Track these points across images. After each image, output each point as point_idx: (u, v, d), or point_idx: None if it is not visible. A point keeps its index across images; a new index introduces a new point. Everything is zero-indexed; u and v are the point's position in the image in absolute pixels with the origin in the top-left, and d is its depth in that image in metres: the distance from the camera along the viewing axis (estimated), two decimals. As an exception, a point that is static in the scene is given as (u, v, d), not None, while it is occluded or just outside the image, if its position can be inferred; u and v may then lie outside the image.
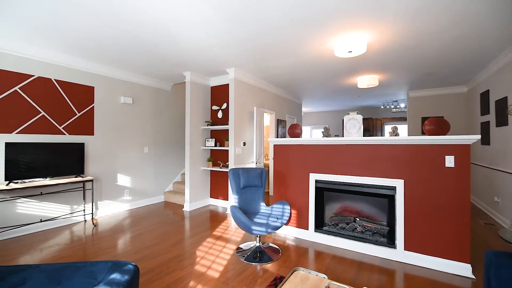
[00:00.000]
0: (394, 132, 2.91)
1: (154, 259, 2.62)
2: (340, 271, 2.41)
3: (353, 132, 3.01)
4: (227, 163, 4.62)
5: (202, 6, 2.32)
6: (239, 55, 3.62)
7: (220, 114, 4.75)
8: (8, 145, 3.05)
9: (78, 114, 3.91)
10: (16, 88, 3.28)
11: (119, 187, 4.46)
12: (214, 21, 2.61)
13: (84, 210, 3.92)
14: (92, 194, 3.76)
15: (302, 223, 3.24)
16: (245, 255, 2.68)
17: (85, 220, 3.92)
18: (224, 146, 4.73)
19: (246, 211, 3.00)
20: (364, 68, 4.34)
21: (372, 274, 2.36)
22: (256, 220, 2.70)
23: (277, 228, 2.55)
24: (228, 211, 4.37)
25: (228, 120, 4.70)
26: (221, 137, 4.86)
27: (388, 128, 8.91)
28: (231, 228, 3.61)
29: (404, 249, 2.64)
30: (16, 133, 3.27)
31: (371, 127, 8.90)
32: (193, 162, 4.61)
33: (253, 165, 4.61)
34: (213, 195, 4.96)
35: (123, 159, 4.52)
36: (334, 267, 2.48)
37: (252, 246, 2.87)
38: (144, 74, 4.65)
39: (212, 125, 4.84)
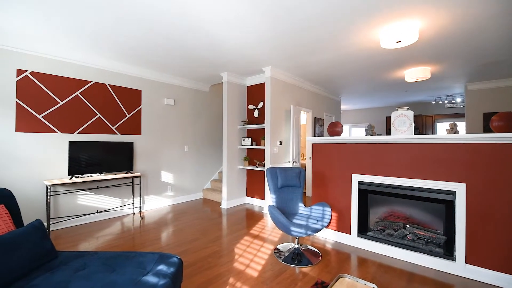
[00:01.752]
0: (453, 129, 2.58)
1: (195, 253, 2.71)
2: (388, 281, 2.21)
3: (403, 130, 2.74)
4: (263, 162, 4.60)
5: (238, 4, 2.32)
6: (275, 52, 3.56)
7: (256, 113, 4.76)
8: (71, 144, 3.45)
9: (128, 116, 4.25)
10: (77, 93, 3.69)
11: (163, 183, 4.75)
12: (250, 19, 2.60)
13: (133, 203, 4.25)
14: (140, 189, 4.06)
15: (343, 227, 3.06)
16: (283, 256, 2.62)
17: (134, 213, 4.25)
18: (260, 145, 4.73)
19: (284, 211, 2.94)
20: (413, 60, 3.94)
21: (427, 288, 2.11)
22: (295, 221, 2.62)
23: (317, 230, 2.44)
24: (265, 211, 4.35)
25: (264, 119, 4.68)
26: (257, 136, 4.87)
27: (440, 126, 8.02)
28: (268, 227, 3.57)
29: (466, 262, 2.32)
30: (77, 133, 3.69)
31: (420, 125, 8.10)
32: (230, 161, 4.69)
33: (290, 165, 4.52)
34: (249, 193, 5.00)
35: (166, 157, 4.80)
36: (381, 277, 2.28)
37: (290, 247, 2.80)
38: (185, 77, 4.87)
39: (248, 124, 4.87)
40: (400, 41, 2.91)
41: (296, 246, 2.72)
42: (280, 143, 4.52)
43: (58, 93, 3.51)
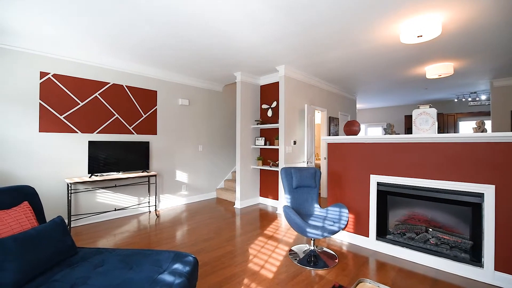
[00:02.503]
0: (481, 128, 2.42)
1: (210, 253, 2.71)
2: (410, 287, 2.11)
3: (425, 129, 2.61)
4: (277, 162, 4.55)
5: (252, 2, 2.29)
6: (289, 50, 3.51)
7: (269, 113, 4.72)
8: (90, 143, 3.55)
9: (144, 116, 4.34)
10: (96, 94, 3.80)
11: (177, 183, 4.81)
12: (264, 16, 2.56)
13: (149, 202, 4.34)
14: (156, 188, 4.13)
15: (360, 229, 2.96)
16: (298, 258, 2.56)
17: (150, 211, 4.33)
18: (273, 145, 4.68)
19: (299, 212, 2.88)
20: (435, 55, 3.76)
21: (453, 296, 1.99)
22: (310, 222, 2.56)
23: (334, 232, 2.37)
24: (278, 211, 4.30)
25: (278, 119, 4.64)
26: (270, 136, 4.83)
27: (463, 125, 7.63)
28: (282, 228, 3.53)
29: (494, 269, 2.17)
30: (96, 133, 3.80)
31: (441, 124, 7.75)
32: (244, 160, 4.68)
33: (304, 165, 4.45)
34: (263, 193, 4.96)
35: (180, 157, 4.86)
36: (401, 282, 2.18)
37: (305, 249, 2.74)
38: (199, 77, 4.91)
39: (261, 124, 4.84)
40: (421, 36, 2.78)
41: (312, 248, 2.66)
42: (294, 142, 4.46)
43: (79, 94, 3.63)
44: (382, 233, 2.88)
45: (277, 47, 3.39)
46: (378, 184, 2.84)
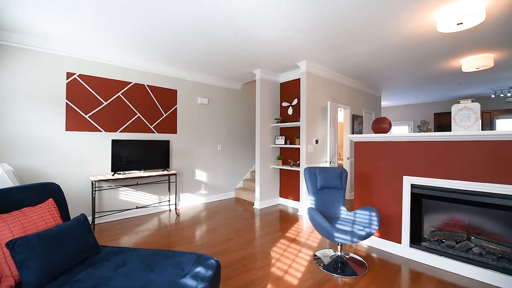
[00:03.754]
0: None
1: (231, 255, 2.62)
2: (454, 302, 1.89)
3: (467, 125, 2.35)
4: (297, 162, 4.39)
5: (280, -8, 2.17)
6: (313, 45, 3.35)
7: (290, 111, 4.57)
8: (113, 142, 3.61)
9: (165, 115, 4.36)
10: (119, 93, 3.86)
11: (197, 182, 4.80)
12: (287, 9, 2.43)
13: (169, 200, 4.35)
14: (176, 187, 4.13)
15: (391, 235, 2.74)
16: (324, 264, 2.41)
17: (170, 210, 4.34)
18: (294, 144, 4.53)
19: (324, 215, 2.72)
20: (474, 45, 3.43)
21: (506, 315, 1.75)
22: (338, 226, 2.39)
23: (364, 238, 2.19)
24: (300, 213, 4.14)
25: (299, 117, 4.47)
26: (291, 135, 4.68)
27: (500, 123, 7.01)
28: (304, 231, 3.37)
29: (555, 287, 1.89)
30: (119, 132, 3.86)
31: (474, 122, 7.15)
32: (263, 160, 4.57)
33: (327, 165, 4.25)
34: (283, 194, 4.82)
35: (199, 156, 4.84)
36: (443, 295, 1.96)
37: (331, 254, 2.57)
38: (218, 76, 4.87)
39: (281, 122, 4.70)
40: (461, 23, 2.52)
41: (339, 253, 2.49)
42: (316, 141, 4.28)
43: (102, 94, 3.70)
44: (416, 240, 2.64)
45: (299, 42, 3.24)
46: (412, 186, 2.60)
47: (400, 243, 2.66)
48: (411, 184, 2.61)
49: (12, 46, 3.05)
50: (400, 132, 8.99)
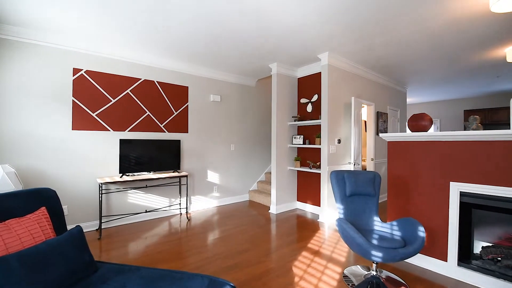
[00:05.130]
0: None
1: (247, 269, 2.32)
2: None
3: (537, 122, 1.93)
4: (318, 163, 4.03)
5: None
6: (335, 34, 2.99)
7: (309, 108, 4.21)
8: (122, 142, 3.40)
9: (175, 113, 4.12)
10: (128, 91, 3.65)
11: (209, 184, 4.54)
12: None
13: (180, 204, 4.11)
14: (187, 189, 3.88)
15: (435, 251, 2.34)
16: (355, 285, 2.06)
17: (181, 214, 4.10)
18: (314, 144, 4.17)
19: (355, 227, 2.36)
20: (529, 30, 2.95)
21: None
22: (374, 241, 2.03)
23: (408, 256, 1.82)
24: (321, 219, 3.78)
25: (319, 114, 4.11)
26: (310, 134, 4.32)
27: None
28: (328, 241, 3.02)
29: None
30: (128, 131, 3.65)
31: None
32: (280, 161, 4.24)
33: (351, 167, 3.87)
34: (301, 198, 4.47)
35: (212, 156, 4.58)
36: (514, 334, 1.57)
37: (364, 273, 2.22)
38: (231, 71, 4.59)
39: (300, 120, 4.35)
40: (525, -1, 2.08)
41: (374, 273, 2.13)
42: (339, 141, 3.90)
43: (110, 91, 3.50)
44: (465, 258, 2.24)
45: (321, 30, 2.89)
46: (462, 194, 2.20)
47: (446, 261, 2.26)
48: (460, 192, 2.20)
49: (13, 40, 2.88)
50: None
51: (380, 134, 2.69)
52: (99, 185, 3.16)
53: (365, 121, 5.88)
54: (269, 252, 2.69)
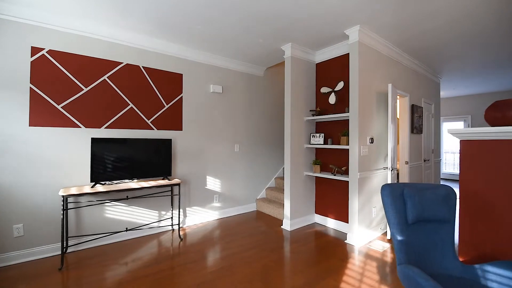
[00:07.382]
0: None
1: (257, 335, 1.54)
2: None
3: None
4: (343, 168, 3.22)
5: None
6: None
7: (332, 99, 3.38)
8: (94, 141, 2.64)
9: (166, 106, 3.36)
10: (105, 77, 2.90)
11: (208, 192, 3.77)
12: None
13: (171, 218, 3.35)
14: (179, 200, 3.10)
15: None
16: None
17: (173, 230, 3.34)
18: (338, 144, 3.36)
19: (421, 269, 1.55)
20: None
21: None
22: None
23: None
24: (349, 240, 2.96)
25: (345, 107, 3.31)
26: (333, 131, 3.51)
27: None
28: (367, 274, 2.21)
29: None
30: (105, 128, 2.90)
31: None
32: (294, 165, 3.44)
33: (388, 174, 3.05)
34: (320, 210, 3.67)
35: (212, 159, 3.80)
36: None
37: None
38: (235, 57, 3.81)
39: (319, 114, 3.54)
40: None
41: None
42: (371, 140, 3.08)
43: (82, 77, 2.76)
44: None
45: (361, -14, 2.09)
46: None
47: None
48: None
49: None
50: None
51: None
52: (63, 198, 2.40)
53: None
54: (287, 298, 1.90)
